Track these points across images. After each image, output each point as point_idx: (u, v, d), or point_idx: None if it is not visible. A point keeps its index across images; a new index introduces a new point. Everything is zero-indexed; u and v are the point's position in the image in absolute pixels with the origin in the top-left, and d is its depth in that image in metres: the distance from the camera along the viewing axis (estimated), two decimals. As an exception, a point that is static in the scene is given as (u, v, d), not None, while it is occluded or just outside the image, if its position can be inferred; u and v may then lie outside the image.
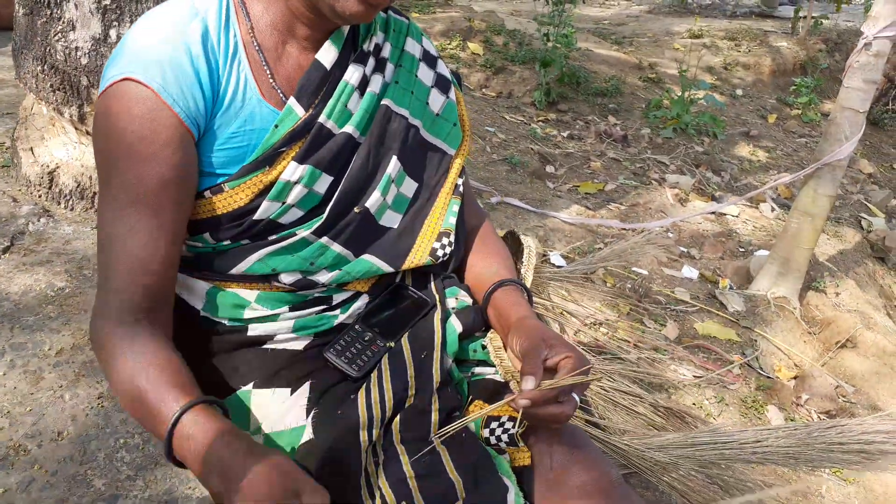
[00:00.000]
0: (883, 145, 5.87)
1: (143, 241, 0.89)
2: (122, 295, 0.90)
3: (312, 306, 1.04)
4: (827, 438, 1.29)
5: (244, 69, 0.93)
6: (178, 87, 0.87)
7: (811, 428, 1.31)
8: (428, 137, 1.13)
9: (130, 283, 0.90)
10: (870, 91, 2.62)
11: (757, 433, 1.29)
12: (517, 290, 1.11)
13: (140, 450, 1.21)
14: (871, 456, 1.29)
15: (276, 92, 0.96)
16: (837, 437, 1.30)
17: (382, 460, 0.96)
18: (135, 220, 0.89)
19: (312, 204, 1.00)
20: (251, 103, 0.94)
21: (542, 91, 4.78)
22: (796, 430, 1.31)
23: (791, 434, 1.30)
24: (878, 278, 3.64)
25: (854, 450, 1.28)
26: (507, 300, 1.09)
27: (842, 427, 1.32)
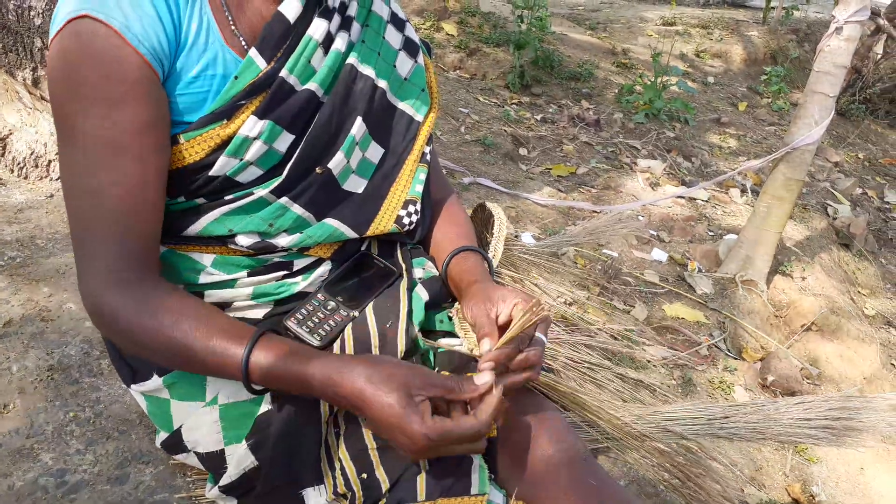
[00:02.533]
0: (849, 135, 5.95)
1: (131, 190, 0.84)
2: (116, 252, 0.84)
3: (272, 272, 1.00)
4: (794, 414, 1.29)
5: (206, 12, 0.88)
6: (140, 25, 0.82)
7: (778, 404, 1.31)
8: (394, 101, 1.09)
9: (123, 237, 0.84)
10: (840, 75, 2.63)
11: (725, 409, 1.28)
12: (473, 256, 1.08)
13: (91, 423, 1.16)
14: (837, 432, 1.29)
15: (239, 40, 0.91)
16: (804, 413, 1.29)
17: (343, 431, 0.93)
18: (117, 168, 0.83)
19: (272, 163, 0.95)
20: (214, 46, 0.89)
21: (515, 74, 4.74)
22: (763, 405, 1.31)
23: (758, 410, 1.30)
24: (842, 264, 3.70)
25: (821, 426, 1.28)
26: (461, 267, 1.06)
27: (808, 403, 1.32)
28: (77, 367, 1.26)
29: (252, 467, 0.94)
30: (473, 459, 0.89)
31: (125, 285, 0.85)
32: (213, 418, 0.97)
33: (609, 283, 2.59)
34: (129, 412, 1.19)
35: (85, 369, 1.26)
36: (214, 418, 0.97)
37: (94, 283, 0.85)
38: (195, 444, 1.00)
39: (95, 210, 0.84)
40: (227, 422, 0.97)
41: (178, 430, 1.01)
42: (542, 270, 1.70)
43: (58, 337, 1.33)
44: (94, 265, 0.85)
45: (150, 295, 0.86)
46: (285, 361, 0.83)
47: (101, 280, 0.85)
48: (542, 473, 0.92)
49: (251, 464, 0.94)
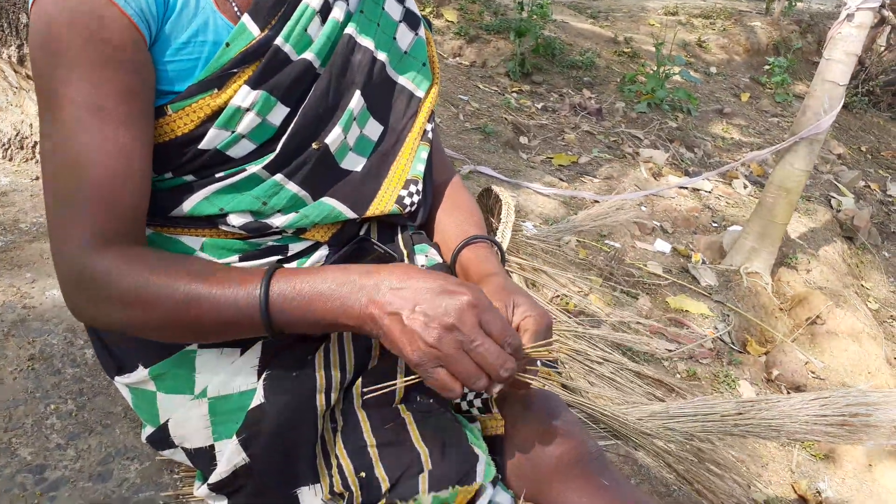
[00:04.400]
0: (852, 127, 5.90)
1: (118, 156, 0.78)
2: (100, 220, 0.77)
3: (266, 256, 0.93)
4: (810, 411, 1.23)
5: None
6: None
7: (793, 400, 1.25)
8: (394, 75, 1.03)
9: (112, 203, 0.78)
10: (851, 64, 2.57)
11: (739, 405, 1.23)
12: (486, 247, 1.02)
13: (73, 416, 1.09)
14: (854, 429, 1.23)
15: (231, 5, 0.85)
16: (821, 409, 1.24)
17: (341, 426, 0.87)
18: (100, 134, 0.77)
19: (266, 137, 0.89)
20: (205, 11, 0.83)
21: (516, 61, 4.67)
22: (778, 401, 1.25)
23: (773, 406, 1.24)
24: (846, 257, 3.65)
25: (837, 422, 1.23)
26: (475, 257, 1.00)
27: (825, 399, 1.26)
28: (59, 356, 1.20)
29: (243, 464, 0.89)
30: (480, 457, 0.83)
31: (113, 247, 0.78)
32: (202, 412, 0.91)
33: (612, 273, 2.53)
34: (113, 404, 1.13)
35: (68, 359, 1.19)
36: (203, 412, 0.91)
37: (75, 251, 0.78)
38: (183, 440, 0.94)
39: (77, 181, 0.78)
40: (217, 416, 0.91)
41: (164, 424, 0.95)
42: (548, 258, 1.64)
43: (40, 325, 1.26)
44: (76, 233, 0.78)
45: (143, 251, 0.80)
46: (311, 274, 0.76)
47: (83, 246, 0.77)
48: (551, 473, 0.87)
49: (242, 461, 0.89)
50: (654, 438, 1.15)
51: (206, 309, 0.76)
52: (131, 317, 0.79)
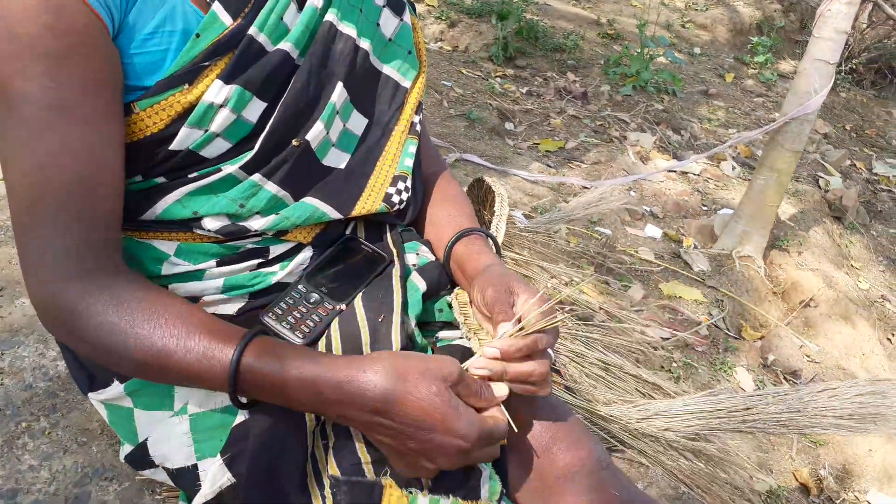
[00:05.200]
0: (836, 106, 5.89)
1: (86, 158, 0.71)
2: (70, 237, 0.71)
3: (245, 260, 0.87)
4: (819, 403, 1.19)
5: None
6: None
7: (802, 392, 1.21)
8: (378, 65, 0.97)
9: (77, 217, 0.71)
10: (840, 41, 2.53)
11: (746, 400, 1.19)
12: (481, 239, 0.97)
13: (46, 435, 1.03)
14: (863, 420, 1.20)
15: None
16: (830, 401, 1.20)
17: (333, 443, 0.81)
18: (64, 134, 0.70)
19: (242, 134, 0.83)
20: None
21: (499, 45, 4.59)
22: (787, 394, 1.21)
23: (782, 399, 1.20)
24: (836, 238, 3.63)
25: (846, 414, 1.19)
26: (470, 250, 0.94)
27: (834, 390, 1.22)
28: (30, 369, 1.13)
29: (229, 485, 0.83)
30: (482, 470, 0.78)
31: (84, 276, 0.72)
32: (183, 429, 0.85)
33: (604, 261, 2.48)
34: (89, 420, 1.06)
35: (40, 372, 1.12)
36: (184, 430, 0.85)
37: (46, 276, 0.72)
38: (164, 459, 0.87)
39: (42, 187, 0.71)
40: (199, 433, 0.85)
41: (143, 442, 0.88)
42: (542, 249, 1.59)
43: (9, 336, 1.19)
44: (45, 255, 0.72)
45: (116, 286, 0.73)
46: (287, 363, 0.71)
47: (54, 271, 0.72)
48: (558, 483, 0.82)
49: (227, 481, 0.83)
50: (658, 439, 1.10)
51: (173, 366, 0.72)
52: (101, 358, 0.75)
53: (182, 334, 0.72)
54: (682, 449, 1.14)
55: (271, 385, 0.71)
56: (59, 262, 0.72)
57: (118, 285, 0.73)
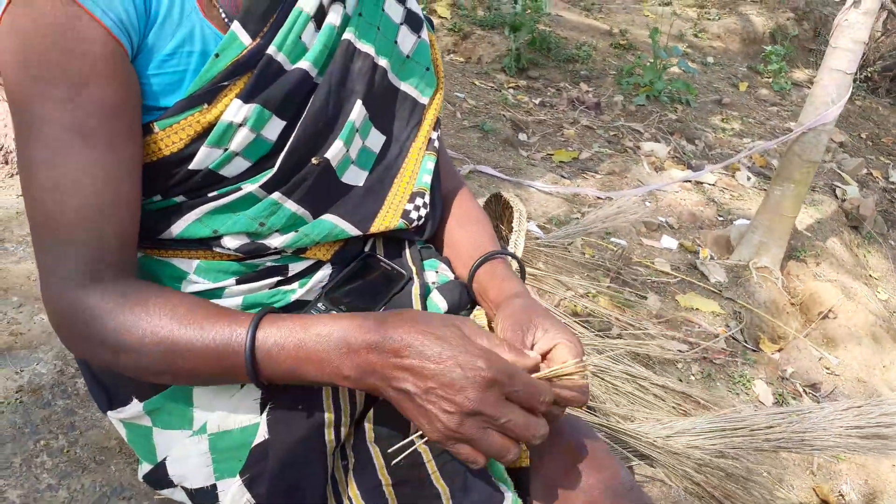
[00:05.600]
0: (851, 115, 5.84)
1: (104, 181, 0.72)
2: (87, 253, 0.72)
3: (264, 278, 0.87)
4: (844, 422, 1.17)
5: None
6: None
7: (826, 411, 1.19)
8: (396, 82, 0.96)
9: (95, 237, 0.73)
10: (858, 51, 2.51)
11: (769, 418, 1.17)
12: (504, 263, 0.96)
13: (64, 453, 1.03)
14: (890, 441, 1.17)
15: (219, 12, 0.78)
16: (854, 420, 1.18)
17: (353, 464, 0.80)
18: (86, 157, 0.71)
19: (261, 153, 0.82)
20: (191, 19, 0.76)
21: (511, 57, 4.60)
22: (811, 412, 1.19)
23: (805, 418, 1.18)
24: (854, 248, 3.59)
25: (873, 434, 1.16)
26: (495, 275, 0.93)
27: (859, 409, 1.20)
28: (49, 387, 1.13)
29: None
30: (507, 495, 0.77)
31: (98, 284, 0.73)
32: (202, 449, 0.85)
33: (620, 273, 2.47)
34: (107, 438, 1.06)
35: (58, 389, 1.12)
36: (203, 449, 0.85)
37: (61, 286, 0.73)
38: (182, 479, 0.87)
39: (61, 208, 0.72)
40: (218, 453, 0.84)
41: (162, 462, 0.88)
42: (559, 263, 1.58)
43: (28, 353, 1.19)
44: (61, 267, 0.73)
45: (130, 289, 0.74)
46: (306, 323, 0.70)
47: (69, 281, 0.73)
48: (583, 508, 0.80)
49: (247, 502, 0.82)
50: (681, 457, 1.08)
51: (189, 354, 0.72)
52: (120, 360, 0.74)
53: (198, 321, 0.72)
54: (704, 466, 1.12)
55: (294, 348, 0.70)
56: (75, 274, 0.73)
57: (132, 290, 0.74)
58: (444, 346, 0.65)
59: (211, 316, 0.72)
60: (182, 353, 0.72)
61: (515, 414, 0.65)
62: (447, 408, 0.64)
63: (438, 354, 0.65)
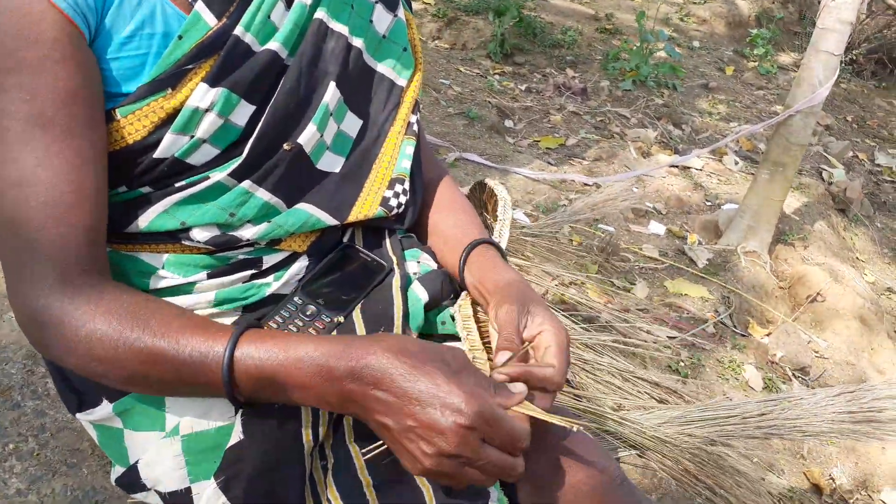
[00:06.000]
0: (836, 97, 5.84)
1: (65, 171, 0.68)
2: (54, 252, 0.69)
3: (237, 272, 0.83)
4: (836, 408, 1.16)
5: None
6: None
7: (818, 397, 1.18)
8: (372, 63, 0.92)
9: (60, 233, 0.69)
10: (845, 32, 2.48)
11: (761, 405, 1.15)
12: (494, 249, 0.93)
13: (34, 456, 0.99)
14: (881, 426, 1.15)
15: None
16: (847, 405, 1.16)
17: (332, 465, 0.77)
18: (43, 148, 0.68)
19: (230, 140, 0.79)
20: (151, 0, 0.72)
21: (497, 42, 4.54)
22: (802, 399, 1.17)
23: (797, 404, 1.16)
24: (840, 230, 3.59)
25: (865, 419, 1.15)
26: (488, 263, 0.90)
27: (850, 394, 1.18)
28: (19, 387, 1.09)
29: (224, 509, 0.79)
30: (492, 493, 0.74)
31: (69, 287, 0.69)
32: (175, 451, 0.81)
33: (608, 260, 2.44)
34: (79, 441, 1.02)
35: (28, 390, 1.08)
36: (176, 451, 0.81)
37: (28, 289, 0.69)
38: (155, 482, 0.83)
39: (22, 204, 0.68)
40: (192, 455, 0.81)
41: (134, 464, 0.84)
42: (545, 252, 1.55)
43: (-3, 352, 1.15)
44: (27, 269, 0.69)
45: (103, 296, 0.70)
46: (288, 344, 0.67)
47: (37, 285, 0.69)
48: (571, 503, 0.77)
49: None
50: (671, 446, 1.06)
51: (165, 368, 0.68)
52: (90, 368, 0.70)
53: (174, 333, 0.68)
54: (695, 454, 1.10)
55: (272, 370, 0.67)
56: (43, 278, 0.69)
57: (105, 295, 0.70)
58: (426, 383, 0.63)
59: (187, 329, 0.69)
60: (155, 367, 0.68)
61: (493, 456, 0.64)
62: (425, 449, 0.63)
63: (420, 393, 0.63)
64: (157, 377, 0.69)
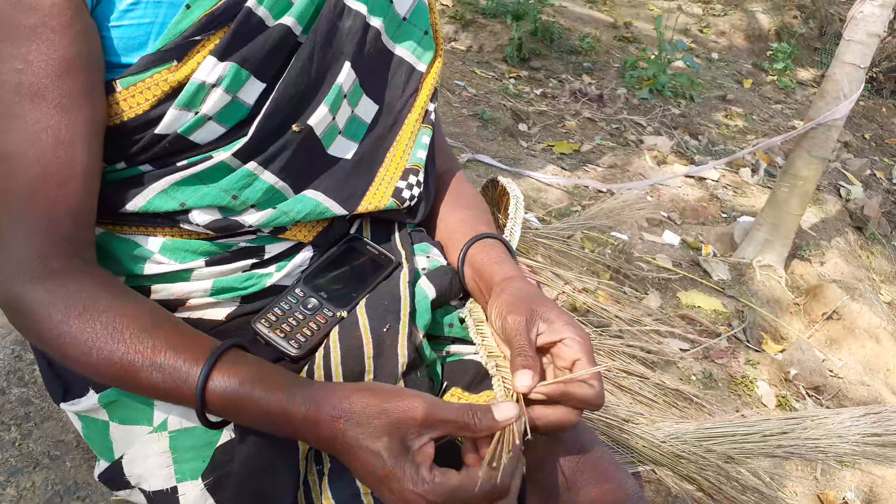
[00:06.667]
0: (854, 115, 5.76)
1: (52, 149, 0.64)
2: (37, 233, 0.65)
3: (237, 260, 0.78)
4: (861, 429, 1.10)
5: None
6: None
7: (843, 416, 1.12)
8: (391, 46, 0.88)
9: (46, 212, 0.65)
10: (872, 45, 2.42)
11: (782, 423, 1.09)
12: (499, 245, 0.87)
13: (16, 446, 0.94)
14: (909, 449, 1.09)
15: None
16: (872, 427, 1.10)
17: (328, 469, 0.72)
18: (33, 122, 0.64)
19: (237, 118, 0.74)
20: None
21: (514, 46, 4.50)
22: (826, 418, 1.12)
23: (820, 424, 1.10)
24: (857, 248, 3.52)
25: (892, 442, 1.08)
26: (488, 257, 0.84)
27: (876, 416, 1.12)
28: (4, 374, 1.04)
29: (211, 512, 0.74)
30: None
31: (49, 277, 0.66)
32: (162, 448, 0.76)
33: (620, 269, 2.38)
34: (64, 432, 0.97)
35: (14, 377, 1.04)
36: (163, 448, 0.76)
37: (8, 273, 0.66)
38: (140, 479, 0.79)
39: (7, 180, 0.65)
40: (179, 453, 0.76)
41: (119, 460, 0.80)
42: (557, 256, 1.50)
43: (-16, 337, 1.11)
44: (9, 251, 0.66)
45: (81, 292, 0.66)
46: (255, 388, 0.63)
47: (17, 269, 0.66)
48: (585, 521, 0.72)
49: (210, 507, 0.74)
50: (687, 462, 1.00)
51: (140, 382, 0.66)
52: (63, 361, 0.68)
53: (147, 351, 0.64)
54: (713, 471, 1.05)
55: (239, 410, 0.65)
56: (23, 262, 0.65)
57: (84, 291, 0.67)
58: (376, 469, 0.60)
59: (161, 347, 0.65)
60: (128, 380, 0.66)
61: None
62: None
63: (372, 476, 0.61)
64: (132, 387, 0.67)
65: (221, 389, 0.63)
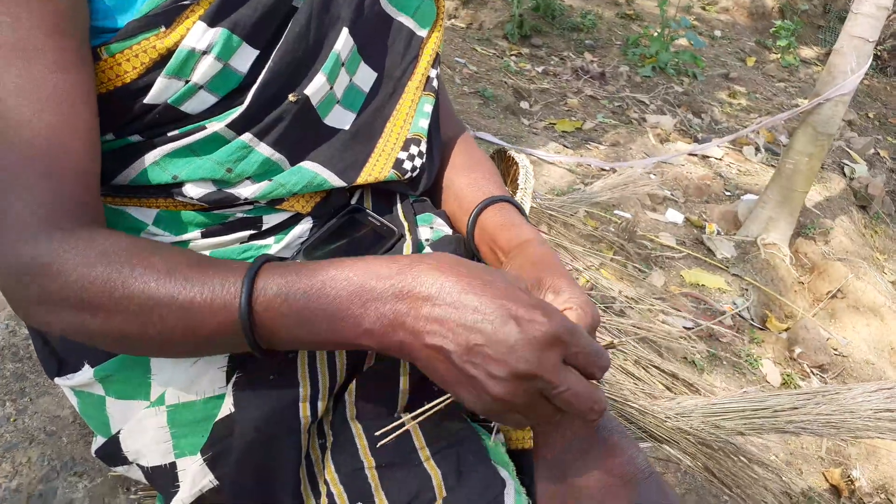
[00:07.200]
0: (858, 93, 5.71)
1: (57, 103, 0.61)
2: (43, 194, 0.60)
3: (235, 231, 0.76)
4: (874, 405, 1.07)
5: None
6: None
7: (854, 392, 1.10)
8: (390, 10, 0.84)
9: (50, 174, 0.60)
10: (882, 18, 2.38)
11: (793, 398, 1.07)
12: (513, 209, 0.84)
13: (11, 422, 0.92)
14: (921, 424, 1.07)
15: None
16: (886, 402, 1.08)
17: (331, 443, 0.70)
18: (32, 76, 0.60)
19: (230, 87, 0.71)
20: None
21: (514, 23, 4.44)
22: (838, 393, 1.09)
23: (832, 399, 1.08)
24: (861, 227, 3.50)
25: (906, 417, 1.06)
26: (503, 220, 0.81)
27: (888, 390, 1.10)
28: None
29: (210, 488, 0.72)
30: (508, 482, 0.67)
31: (59, 230, 0.60)
32: (160, 423, 0.74)
33: (623, 246, 2.36)
34: (60, 407, 0.95)
35: (9, 352, 1.02)
36: (161, 423, 0.74)
37: (13, 237, 0.60)
38: (137, 455, 0.77)
39: (7, 142, 0.60)
40: (178, 428, 0.74)
41: (116, 435, 0.78)
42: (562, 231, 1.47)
43: (-21, 311, 1.08)
44: (11, 215, 0.60)
45: (97, 237, 0.61)
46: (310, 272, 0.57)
47: (23, 231, 0.60)
48: (593, 496, 0.70)
49: (209, 483, 0.72)
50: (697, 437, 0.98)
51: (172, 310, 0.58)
52: (84, 323, 0.60)
53: (181, 269, 0.58)
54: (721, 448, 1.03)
55: (301, 297, 0.56)
56: (29, 221, 0.59)
57: (99, 236, 0.61)
58: (491, 295, 0.53)
59: (195, 265, 0.59)
60: (160, 310, 0.58)
61: (575, 382, 0.54)
62: (495, 371, 0.52)
63: (484, 305, 0.53)
64: (158, 327, 0.59)
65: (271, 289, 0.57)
